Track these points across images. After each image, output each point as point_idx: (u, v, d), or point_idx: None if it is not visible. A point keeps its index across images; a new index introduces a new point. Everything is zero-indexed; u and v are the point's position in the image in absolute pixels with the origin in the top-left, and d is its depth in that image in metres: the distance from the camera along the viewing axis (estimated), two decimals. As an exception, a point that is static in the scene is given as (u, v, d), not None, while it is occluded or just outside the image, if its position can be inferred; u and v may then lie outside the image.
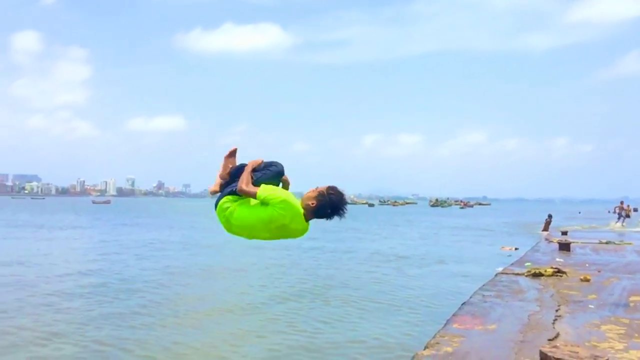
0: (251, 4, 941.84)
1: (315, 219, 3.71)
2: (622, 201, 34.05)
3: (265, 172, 3.81)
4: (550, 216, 31.60)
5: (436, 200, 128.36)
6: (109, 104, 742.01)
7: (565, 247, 15.08)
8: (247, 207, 3.70)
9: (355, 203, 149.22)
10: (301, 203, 3.67)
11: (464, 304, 7.55)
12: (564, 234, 22.17)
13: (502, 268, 11.63)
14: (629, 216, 33.33)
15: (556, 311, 6.98)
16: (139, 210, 75.66)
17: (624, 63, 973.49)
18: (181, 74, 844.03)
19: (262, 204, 3.59)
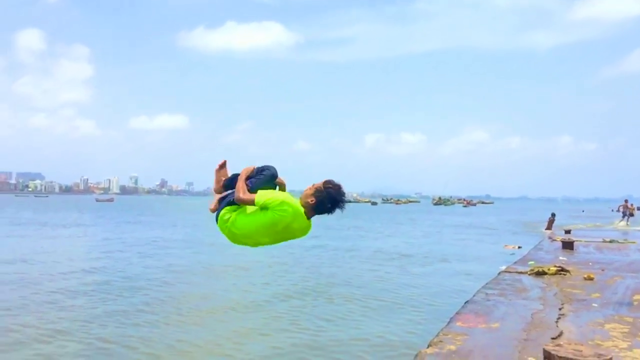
0: (254, 2, 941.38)
1: (317, 215, 3.71)
2: (627, 200, 33.93)
3: (259, 177, 3.82)
4: (554, 215, 31.54)
5: (439, 198, 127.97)
6: (112, 102, 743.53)
7: (568, 245, 15.04)
8: (248, 214, 3.72)
9: (358, 201, 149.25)
10: (300, 202, 3.68)
11: (467, 302, 7.55)
12: (568, 232, 22.12)
13: (505, 266, 11.61)
14: (632, 215, 33.21)
15: (559, 310, 6.98)
16: (142, 208, 75.82)
17: (628, 61, 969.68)
18: (184, 72, 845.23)
19: (262, 209, 3.60)
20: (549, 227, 29.41)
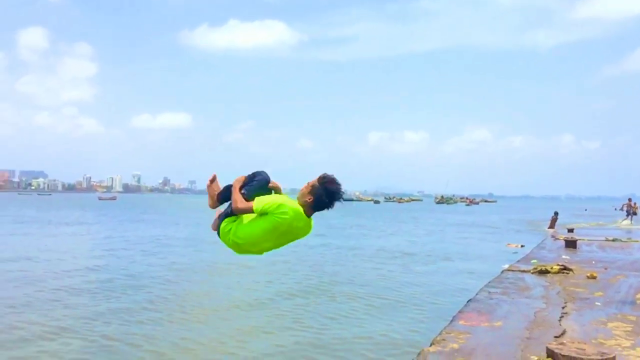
0: (257, 1, 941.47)
1: (317, 212, 3.72)
2: (630, 198, 33.88)
3: (252, 184, 3.83)
4: (557, 213, 31.49)
5: (442, 197, 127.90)
6: (114, 100, 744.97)
7: (571, 244, 15.03)
8: (248, 222, 3.74)
9: (361, 200, 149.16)
10: (298, 202, 3.70)
11: (469, 300, 7.55)
12: (570, 231, 22.08)
13: (508, 265, 11.61)
14: (636, 213, 33.16)
15: (562, 308, 6.98)
16: (145, 207, 75.95)
17: (630, 60, 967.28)
18: (187, 70, 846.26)
19: (262, 214, 3.62)
20: (551, 226, 29.36)
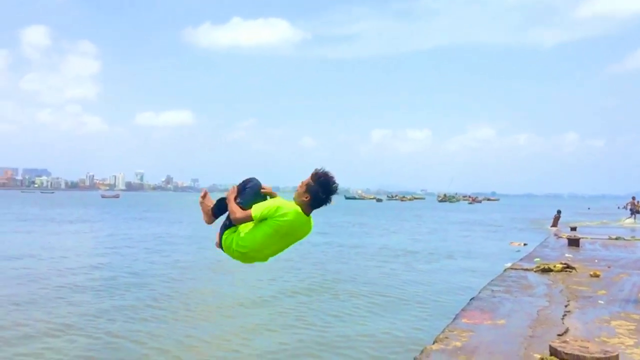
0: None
1: (316, 209, 3.75)
2: (634, 197, 33.79)
3: (245, 192, 3.87)
4: (560, 212, 31.44)
5: (444, 195, 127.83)
6: (117, 98, 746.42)
7: (574, 242, 15.02)
8: (249, 230, 3.77)
9: (363, 198, 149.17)
10: (295, 202, 3.72)
11: (472, 299, 7.57)
12: (573, 229, 22.07)
13: (510, 263, 11.61)
14: (639, 212, 33.08)
15: (565, 307, 6.98)
16: (148, 205, 76.10)
17: (634, 58, 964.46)
18: (190, 68, 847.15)
19: (261, 220, 3.65)
20: (554, 224, 29.32)
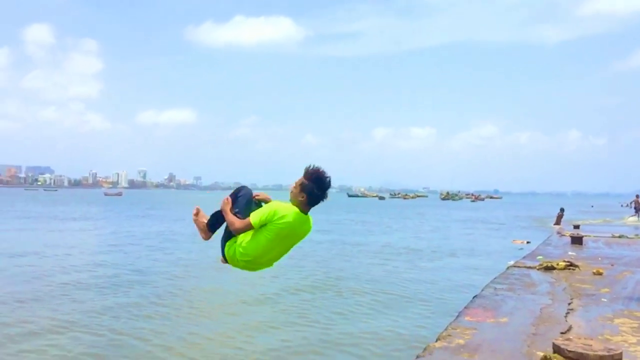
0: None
1: (313, 207, 3.77)
2: (638, 195, 33.70)
3: (239, 201, 3.90)
4: (563, 210, 31.38)
5: (447, 193, 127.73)
6: (120, 96, 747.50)
7: (577, 240, 15.02)
8: (250, 238, 3.79)
9: (366, 196, 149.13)
10: (292, 203, 3.75)
11: (475, 296, 7.58)
12: (576, 227, 22.04)
13: (513, 261, 11.62)
14: (643, 210, 33.01)
15: (568, 304, 6.99)
16: (151, 202, 76.23)
17: (638, 56, 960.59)
18: (192, 66, 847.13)
19: (261, 226, 3.68)
20: (557, 222, 29.28)
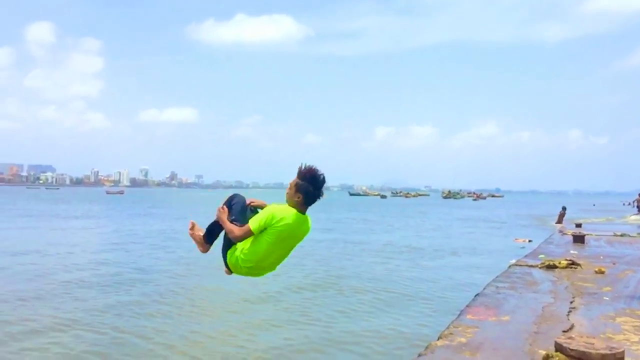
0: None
1: (310, 206, 3.82)
2: None
3: (234, 209, 3.93)
4: (564, 208, 31.36)
5: (449, 192, 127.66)
6: (122, 95, 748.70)
7: (579, 239, 15.00)
8: (251, 244, 3.81)
9: (368, 194, 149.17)
10: (289, 204, 3.77)
11: (477, 295, 7.58)
12: (578, 226, 22.02)
13: (515, 260, 11.61)
14: (645, 208, 32.98)
15: (570, 303, 6.98)
16: (153, 201, 76.27)
17: (639, 54, 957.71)
18: (193, 65, 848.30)
19: (261, 231, 3.69)
20: (559, 221, 29.26)
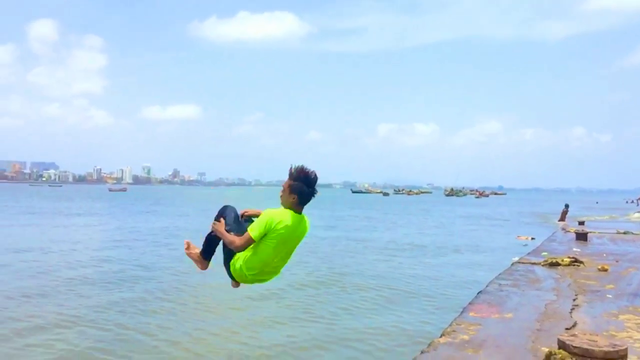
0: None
1: (306, 204, 3.86)
2: None
3: (227, 220, 3.97)
4: (567, 206, 31.32)
5: (451, 189, 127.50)
6: (124, 92, 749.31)
7: (582, 237, 14.98)
8: (253, 251, 3.83)
9: (370, 192, 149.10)
10: (285, 206, 3.81)
11: (480, 292, 7.59)
12: (581, 224, 22.00)
13: (518, 257, 11.61)
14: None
15: (573, 300, 6.99)
16: (155, 198, 76.40)
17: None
18: (196, 62, 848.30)
19: (262, 238, 3.72)
20: (562, 219, 29.22)
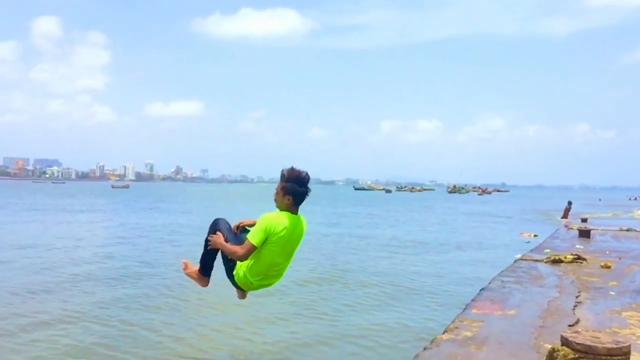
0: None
1: (300, 204, 3.96)
2: None
3: (224, 232, 3.99)
4: (570, 203, 31.32)
5: (454, 186, 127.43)
6: (127, 88, 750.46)
7: (585, 234, 14.98)
8: (255, 258, 3.86)
9: (373, 189, 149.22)
10: (281, 208, 3.84)
11: (482, 289, 7.61)
12: (584, 221, 21.98)
13: (521, 254, 11.62)
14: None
15: (576, 297, 7.00)
16: (158, 195, 76.56)
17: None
18: (199, 59, 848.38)
19: (263, 243, 3.74)
20: (565, 216, 29.21)
